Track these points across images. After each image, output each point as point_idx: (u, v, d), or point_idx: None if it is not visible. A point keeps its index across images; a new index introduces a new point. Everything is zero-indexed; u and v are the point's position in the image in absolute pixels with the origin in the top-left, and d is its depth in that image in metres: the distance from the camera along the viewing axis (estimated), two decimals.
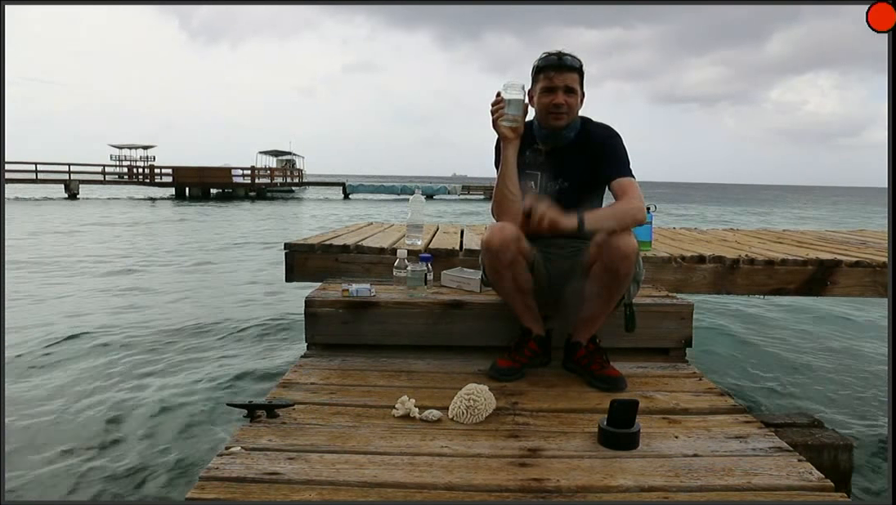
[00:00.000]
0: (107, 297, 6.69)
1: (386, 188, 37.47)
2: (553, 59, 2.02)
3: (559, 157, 2.13)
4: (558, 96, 2.02)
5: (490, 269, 2.07)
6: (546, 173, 2.15)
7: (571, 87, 2.03)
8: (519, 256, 2.01)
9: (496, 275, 2.06)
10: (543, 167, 2.15)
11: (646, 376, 2.06)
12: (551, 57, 2.03)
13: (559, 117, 2.05)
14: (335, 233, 3.53)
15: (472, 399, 1.66)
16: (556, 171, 2.14)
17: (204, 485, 1.27)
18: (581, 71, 2.05)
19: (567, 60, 2.02)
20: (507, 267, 2.00)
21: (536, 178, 2.16)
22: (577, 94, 2.05)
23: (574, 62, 2.03)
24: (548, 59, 2.03)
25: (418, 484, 1.30)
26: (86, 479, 2.69)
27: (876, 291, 2.80)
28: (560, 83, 2.02)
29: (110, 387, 3.82)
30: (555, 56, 2.03)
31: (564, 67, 2.02)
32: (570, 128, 2.09)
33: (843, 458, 2.31)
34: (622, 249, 1.88)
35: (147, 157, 41.48)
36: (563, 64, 2.02)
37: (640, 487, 1.30)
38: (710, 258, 2.82)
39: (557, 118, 2.05)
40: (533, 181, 2.17)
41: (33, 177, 28.55)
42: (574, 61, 2.03)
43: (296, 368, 2.08)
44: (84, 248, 10.68)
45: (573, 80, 2.03)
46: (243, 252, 10.87)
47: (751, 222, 20.72)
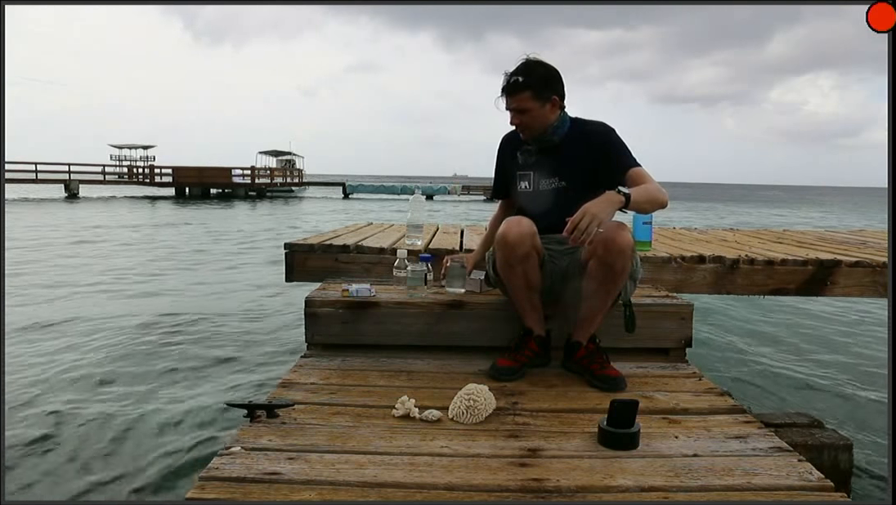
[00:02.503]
0: (114, 297, 6.70)
1: (386, 188, 37.45)
2: (503, 83, 2.08)
3: (552, 157, 2.18)
4: (511, 117, 2.13)
5: (503, 263, 2.07)
6: (538, 172, 2.21)
7: (520, 108, 2.08)
8: (533, 252, 2.03)
9: (509, 269, 2.06)
10: (535, 166, 2.21)
11: (646, 376, 2.06)
12: (504, 79, 2.08)
13: (522, 132, 2.16)
14: (335, 233, 3.52)
15: (472, 399, 1.66)
16: (549, 169, 2.19)
17: (204, 485, 1.27)
18: (531, 84, 2.06)
19: (513, 83, 2.06)
20: (520, 262, 2.01)
21: (529, 177, 2.22)
22: (529, 111, 2.09)
23: (519, 84, 2.05)
24: (504, 80, 2.08)
25: (418, 484, 1.30)
26: (85, 478, 2.69)
27: (876, 292, 2.80)
28: (511, 105, 2.10)
29: (112, 386, 3.83)
30: (505, 79, 2.08)
31: (510, 90, 2.08)
32: (551, 132, 2.14)
33: (843, 458, 2.32)
34: (618, 244, 1.89)
35: (147, 158, 41.49)
36: (509, 86, 2.07)
37: (640, 487, 1.30)
38: (710, 258, 2.82)
39: (521, 133, 2.17)
40: (527, 181, 2.23)
41: (33, 177, 28.56)
42: (520, 82, 2.05)
43: (296, 368, 2.08)
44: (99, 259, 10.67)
45: (521, 99, 2.07)
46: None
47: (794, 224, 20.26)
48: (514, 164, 2.26)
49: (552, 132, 2.14)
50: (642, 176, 2.05)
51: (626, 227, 1.95)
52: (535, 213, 2.12)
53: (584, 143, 2.13)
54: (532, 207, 2.18)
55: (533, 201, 2.20)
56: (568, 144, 2.15)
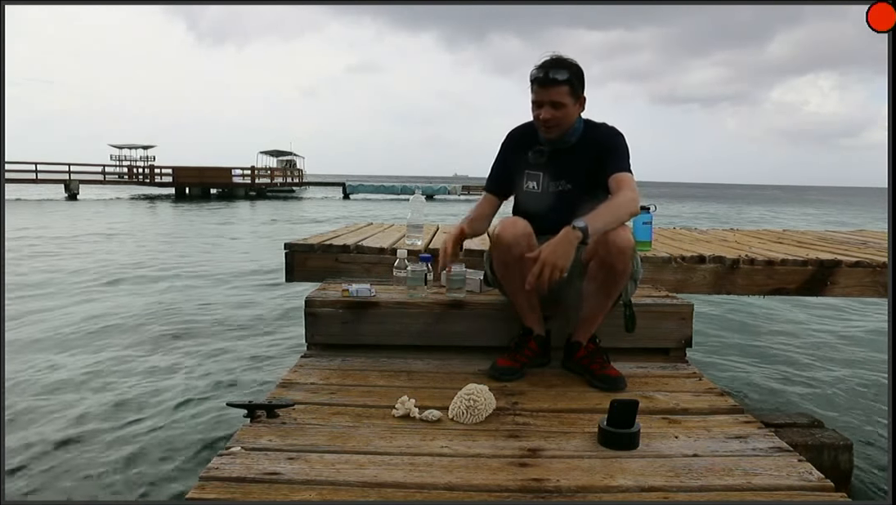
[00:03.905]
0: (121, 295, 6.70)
1: (386, 188, 37.45)
2: (540, 74, 1.99)
3: (564, 159, 2.13)
4: (543, 112, 2.02)
5: (500, 263, 2.06)
6: (548, 173, 2.15)
7: (557, 102, 2.00)
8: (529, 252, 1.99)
9: (505, 270, 2.05)
10: (546, 167, 2.16)
11: (646, 376, 2.06)
12: (539, 70, 1.99)
13: (548, 130, 2.06)
14: (335, 233, 3.52)
15: (472, 399, 1.66)
16: (559, 171, 2.14)
17: (204, 485, 1.27)
18: (571, 81, 2.00)
19: (553, 75, 1.97)
20: (516, 262, 1.98)
21: (538, 178, 2.17)
22: (565, 107, 2.01)
23: (561, 75, 1.98)
24: (538, 71, 1.99)
25: (418, 484, 1.30)
26: (85, 478, 2.69)
27: (876, 292, 2.80)
28: (546, 98, 2.00)
29: (111, 386, 3.83)
30: (542, 70, 1.99)
31: (549, 83, 1.98)
32: (570, 133, 2.09)
33: (843, 458, 2.32)
34: (618, 245, 1.88)
35: (147, 158, 41.48)
36: (548, 79, 1.98)
37: (640, 487, 1.30)
38: (710, 258, 2.82)
39: (546, 131, 2.07)
40: (535, 181, 2.17)
41: (33, 177, 28.54)
42: (561, 74, 1.98)
43: (296, 368, 2.08)
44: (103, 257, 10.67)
45: (560, 93, 1.99)
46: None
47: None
48: (522, 162, 2.18)
49: (571, 133, 2.09)
50: (620, 183, 1.97)
51: (627, 227, 1.95)
52: (538, 214, 2.11)
53: (594, 147, 2.08)
54: (535, 208, 2.15)
55: (538, 202, 2.16)
56: (580, 147, 2.10)
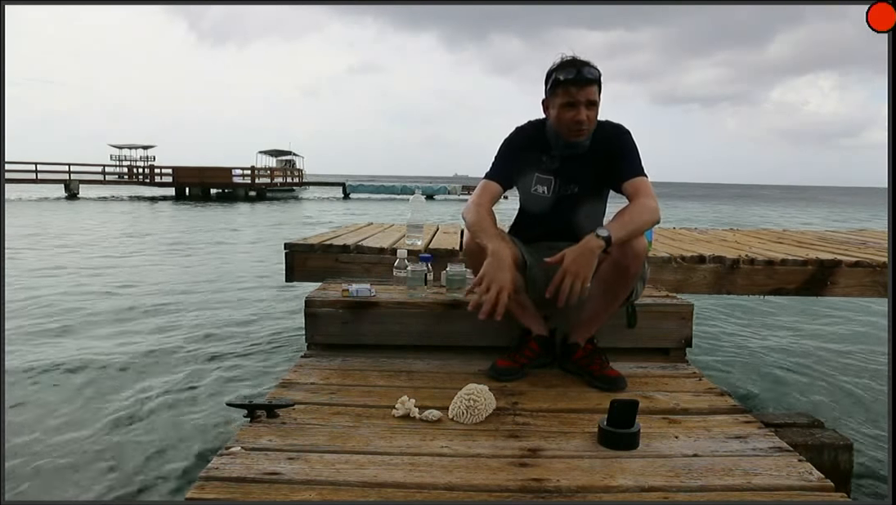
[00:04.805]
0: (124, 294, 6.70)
1: (386, 188, 37.42)
2: (571, 75, 1.89)
3: (576, 162, 2.05)
4: (581, 112, 1.91)
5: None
6: (560, 177, 2.08)
7: (593, 101, 1.93)
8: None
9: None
10: (558, 172, 2.08)
11: (646, 376, 2.06)
12: (570, 70, 1.90)
13: (581, 133, 1.96)
14: (335, 233, 3.53)
15: (472, 399, 1.66)
16: (570, 175, 2.07)
17: (204, 485, 1.27)
18: (600, 79, 1.94)
19: (586, 73, 1.89)
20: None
21: (550, 182, 2.09)
22: (597, 106, 1.96)
23: (594, 73, 1.91)
24: (567, 72, 1.90)
25: (418, 484, 1.30)
26: (85, 478, 2.69)
27: (876, 292, 2.80)
28: (582, 98, 1.90)
29: (111, 385, 3.83)
30: (574, 69, 1.89)
31: (585, 81, 1.89)
32: (588, 137, 2.02)
33: (843, 458, 2.31)
34: (635, 248, 1.86)
35: (147, 157, 41.45)
36: (584, 78, 1.89)
37: (640, 487, 1.30)
38: (710, 258, 2.82)
39: (579, 134, 1.97)
40: (546, 186, 2.09)
41: (33, 177, 28.55)
42: (594, 72, 1.91)
43: (296, 368, 2.08)
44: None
45: (594, 92, 1.92)
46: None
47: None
48: (533, 164, 2.08)
49: (587, 139, 2.00)
50: (638, 190, 1.91)
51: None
52: (541, 216, 2.10)
53: (604, 148, 2.02)
54: (541, 211, 2.11)
55: (545, 206, 2.11)
56: (592, 149, 2.03)
